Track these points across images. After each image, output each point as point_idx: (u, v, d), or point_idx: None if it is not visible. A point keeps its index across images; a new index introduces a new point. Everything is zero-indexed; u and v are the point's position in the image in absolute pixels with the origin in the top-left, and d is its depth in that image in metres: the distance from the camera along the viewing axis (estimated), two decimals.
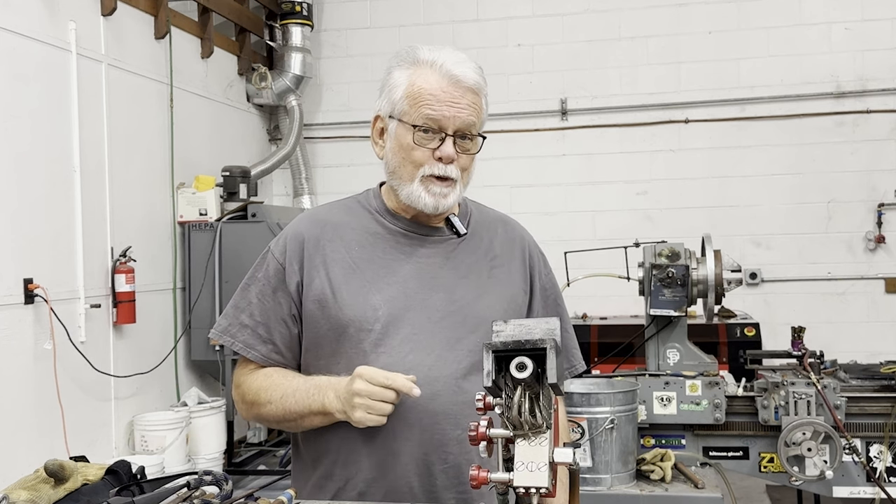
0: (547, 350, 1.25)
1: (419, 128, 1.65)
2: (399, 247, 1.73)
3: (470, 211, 1.84)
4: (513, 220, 1.90)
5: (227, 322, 1.78)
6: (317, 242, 1.73)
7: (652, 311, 3.64)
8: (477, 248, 1.78)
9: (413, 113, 1.66)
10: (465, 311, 1.70)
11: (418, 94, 1.66)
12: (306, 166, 7.18)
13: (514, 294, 1.78)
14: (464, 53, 1.71)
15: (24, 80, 4.30)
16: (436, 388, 1.63)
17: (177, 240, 5.70)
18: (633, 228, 6.14)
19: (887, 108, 6.46)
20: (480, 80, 1.70)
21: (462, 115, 1.66)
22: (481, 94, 1.71)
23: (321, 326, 1.69)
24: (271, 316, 1.73)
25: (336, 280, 1.69)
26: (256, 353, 1.74)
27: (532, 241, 1.88)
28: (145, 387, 5.22)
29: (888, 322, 6.44)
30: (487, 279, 1.76)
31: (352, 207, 1.80)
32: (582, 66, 6.88)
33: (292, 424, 1.71)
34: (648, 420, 3.51)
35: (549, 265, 1.90)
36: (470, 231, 1.79)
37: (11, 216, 4.18)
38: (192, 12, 6.13)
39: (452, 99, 1.65)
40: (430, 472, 1.65)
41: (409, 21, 7.09)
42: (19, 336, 4.20)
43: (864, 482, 3.46)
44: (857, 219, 6.52)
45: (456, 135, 1.67)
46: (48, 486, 1.56)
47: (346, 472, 1.68)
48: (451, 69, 1.66)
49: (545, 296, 1.85)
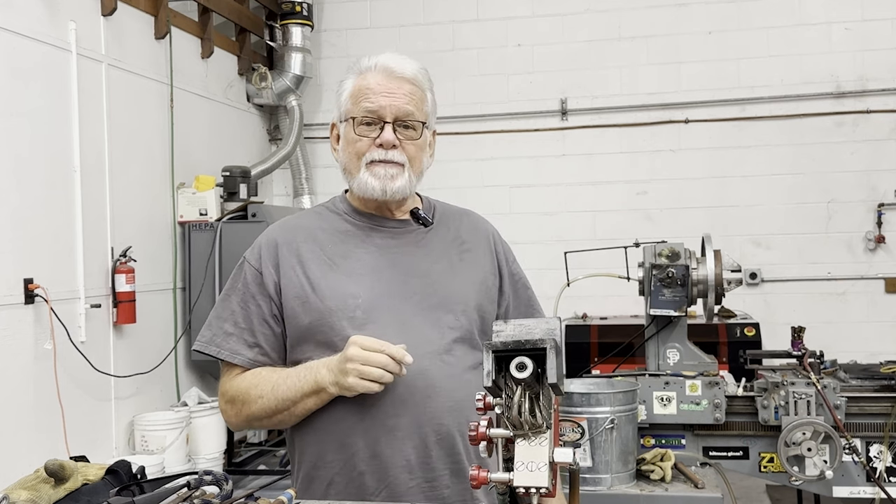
0: (547, 350, 1.25)
1: (360, 120, 1.78)
2: (370, 240, 1.83)
3: (434, 205, 1.95)
4: (474, 213, 2.02)
5: (212, 333, 1.82)
6: (290, 245, 1.81)
7: (652, 311, 3.64)
8: (445, 236, 1.89)
9: (354, 109, 1.79)
10: (441, 293, 1.80)
11: (358, 91, 1.79)
12: (306, 166, 7.18)
13: (484, 276, 1.89)
14: (406, 56, 1.84)
15: (25, 80, 4.30)
16: (423, 364, 1.71)
17: (177, 240, 5.70)
18: (633, 228, 6.13)
19: (887, 108, 6.46)
20: (419, 74, 1.81)
21: (398, 103, 1.77)
22: (421, 86, 1.82)
23: (302, 321, 1.75)
24: (254, 320, 1.79)
25: (314, 276, 1.77)
26: (243, 358, 1.79)
27: (495, 231, 2.00)
28: (145, 387, 5.22)
29: (888, 322, 6.44)
30: (459, 262, 1.87)
31: (321, 213, 1.91)
32: (582, 66, 6.88)
33: (286, 415, 1.75)
34: (648, 420, 3.52)
35: (513, 253, 2.01)
36: (436, 222, 1.90)
37: (11, 216, 4.18)
38: (192, 12, 6.13)
39: (388, 90, 1.77)
40: (425, 445, 1.72)
41: (409, 21, 7.09)
42: (19, 336, 4.20)
43: (864, 482, 3.46)
44: (857, 219, 6.52)
45: (396, 123, 1.77)
46: (48, 486, 1.56)
47: (342, 454, 1.73)
48: (386, 63, 1.79)
49: (514, 280, 1.96)
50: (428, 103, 1.83)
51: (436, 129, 1.91)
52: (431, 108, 1.85)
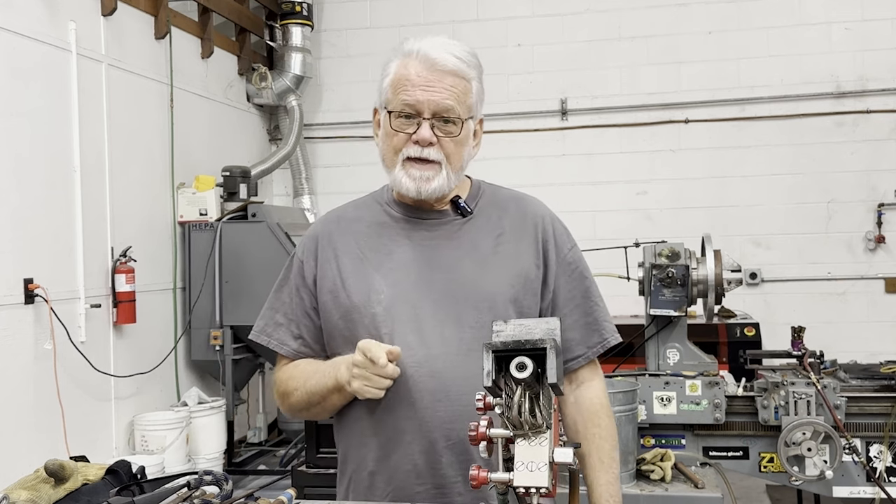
0: (547, 350, 1.25)
1: (397, 113, 1.69)
2: (403, 232, 1.77)
3: (482, 192, 1.85)
4: (529, 197, 1.88)
5: (264, 322, 1.85)
6: (329, 238, 1.80)
7: (652, 311, 3.64)
8: (483, 226, 1.79)
9: (394, 100, 1.70)
10: (468, 289, 1.71)
11: (398, 81, 1.70)
12: (306, 166, 7.18)
13: (523, 268, 1.76)
14: (452, 40, 1.72)
15: (25, 80, 4.30)
16: (436, 366, 1.66)
17: (177, 240, 5.70)
18: (633, 228, 6.13)
19: (887, 108, 6.46)
20: (462, 64, 1.70)
21: (437, 97, 1.67)
22: (465, 77, 1.71)
23: (333, 316, 1.75)
24: (299, 312, 1.80)
25: (345, 270, 1.76)
26: (289, 349, 1.81)
27: (549, 216, 1.84)
28: (145, 387, 5.22)
29: (888, 322, 6.44)
30: (492, 255, 1.75)
31: (367, 203, 1.87)
32: (582, 66, 6.88)
33: (319, 408, 1.76)
34: (648, 420, 3.51)
35: (573, 239, 1.86)
36: (477, 211, 1.80)
37: (11, 216, 4.18)
38: (192, 12, 6.13)
39: (428, 83, 1.67)
40: (434, 450, 1.66)
41: (409, 21, 7.09)
42: (19, 336, 4.20)
43: (864, 482, 3.46)
44: (857, 219, 6.52)
45: (435, 118, 1.68)
46: (48, 486, 1.56)
47: (358, 454, 1.74)
48: (428, 53, 1.68)
49: (568, 269, 1.80)
50: (472, 94, 1.72)
51: (482, 117, 1.82)
52: (477, 97, 1.74)
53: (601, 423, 1.78)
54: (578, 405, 1.79)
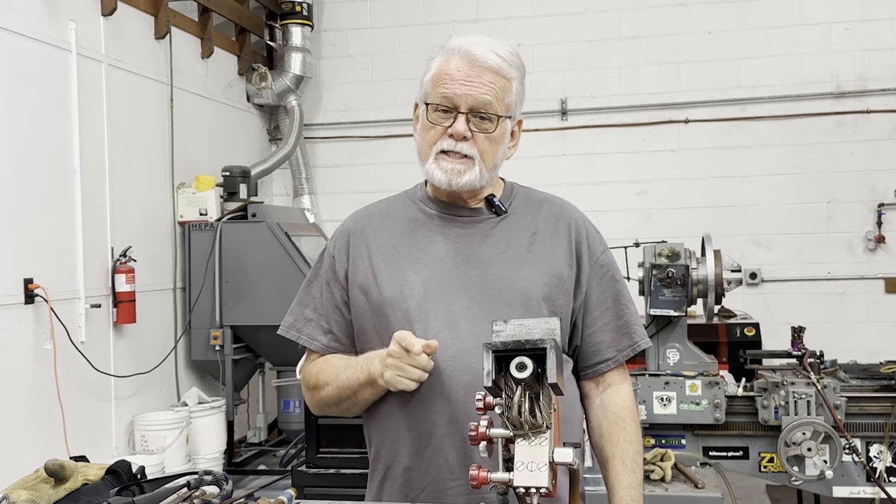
0: (547, 350, 1.25)
1: (435, 106, 1.71)
2: (437, 229, 1.78)
3: (515, 192, 1.87)
4: (561, 200, 1.90)
5: (293, 318, 1.85)
6: (361, 233, 1.81)
7: (652, 311, 3.64)
8: (517, 225, 1.80)
9: (433, 93, 1.72)
10: (501, 286, 1.71)
11: (438, 75, 1.72)
12: (306, 166, 7.18)
13: (557, 268, 1.76)
14: (497, 39, 1.74)
15: (24, 79, 4.30)
16: (469, 361, 1.64)
17: (177, 240, 5.70)
18: (633, 228, 6.13)
19: (887, 108, 6.46)
20: (503, 62, 1.70)
21: (475, 92, 1.68)
22: (505, 75, 1.71)
23: (365, 311, 1.76)
24: (328, 307, 1.81)
25: (377, 266, 1.76)
26: (318, 344, 1.82)
27: (582, 219, 1.86)
28: (145, 387, 5.22)
29: (888, 322, 6.44)
30: (526, 254, 1.76)
31: (400, 199, 1.88)
32: (582, 66, 6.88)
33: (349, 403, 1.75)
34: (648, 420, 3.51)
35: (605, 242, 1.87)
36: (511, 210, 1.81)
37: (11, 216, 4.18)
38: (192, 12, 6.13)
39: (467, 77, 1.69)
40: (465, 445, 1.64)
41: (409, 21, 7.09)
42: (19, 336, 4.20)
43: (864, 482, 3.46)
44: (857, 219, 6.52)
45: (471, 113, 1.69)
46: (48, 486, 1.56)
47: (392, 450, 1.73)
48: (469, 49, 1.70)
49: (601, 272, 1.81)
50: (512, 93, 1.73)
51: (521, 118, 1.81)
52: (516, 97, 1.75)
53: (626, 426, 1.77)
54: (604, 408, 1.78)
